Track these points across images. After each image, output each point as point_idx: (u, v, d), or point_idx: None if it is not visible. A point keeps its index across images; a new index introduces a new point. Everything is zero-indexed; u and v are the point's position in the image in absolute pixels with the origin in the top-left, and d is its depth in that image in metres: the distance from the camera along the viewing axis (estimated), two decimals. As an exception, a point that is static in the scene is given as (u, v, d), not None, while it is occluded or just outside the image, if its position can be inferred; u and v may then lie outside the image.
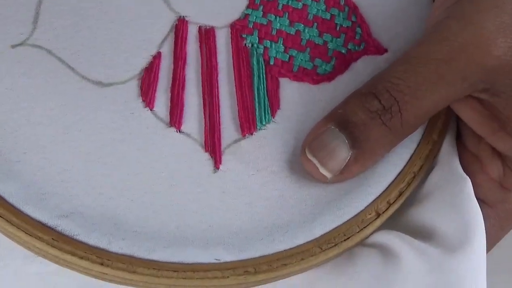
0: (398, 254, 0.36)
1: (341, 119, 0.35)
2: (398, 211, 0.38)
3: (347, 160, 0.35)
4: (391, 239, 0.36)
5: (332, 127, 0.35)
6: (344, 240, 0.36)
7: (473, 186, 0.38)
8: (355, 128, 0.35)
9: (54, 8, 0.38)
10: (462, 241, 0.36)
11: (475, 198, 0.37)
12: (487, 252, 0.37)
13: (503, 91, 0.36)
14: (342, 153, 0.35)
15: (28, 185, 0.34)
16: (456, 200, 0.37)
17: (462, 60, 0.35)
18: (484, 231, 0.37)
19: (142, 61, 0.38)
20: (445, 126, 0.39)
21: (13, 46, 0.37)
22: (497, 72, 0.35)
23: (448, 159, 0.39)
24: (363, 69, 0.40)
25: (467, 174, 0.38)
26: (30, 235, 0.33)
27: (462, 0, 0.36)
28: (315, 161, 0.36)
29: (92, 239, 0.34)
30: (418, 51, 0.36)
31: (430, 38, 0.36)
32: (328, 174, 0.36)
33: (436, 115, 0.38)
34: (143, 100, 0.37)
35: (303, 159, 0.36)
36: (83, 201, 0.34)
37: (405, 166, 0.38)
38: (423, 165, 0.38)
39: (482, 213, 0.37)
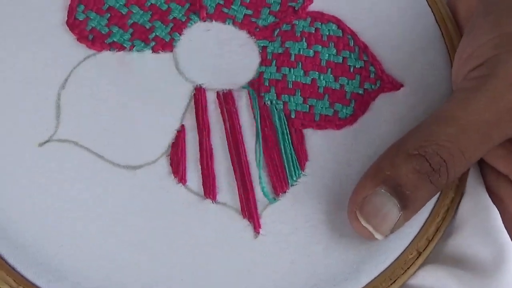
0: None
1: (392, 183, 0.35)
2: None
3: (397, 220, 0.36)
4: (436, 276, 0.37)
5: (383, 190, 0.35)
6: (391, 284, 0.36)
7: None
8: (406, 190, 0.35)
9: (73, 98, 0.38)
10: (498, 264, 0.37)
11: (503, 225, 0.38)
12: None
13: None
14: (394, 216, 0.35)
15: (75, 281, 0.35)
16: (488, 227, 0.38)
17: (508, 119, 0.35)
18: None
19: (167, 137, 0.38)
20: None
21: (41, 145, 0.37)
22: None
23: (476, 189, 0.39)
24: (382, 107, 0.40)
25: None
26: None
27: (499, 55, 0.36)
28: (370, 228, 0.36)
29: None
30: (466, 113, 0.36)
31: (476, 99, 0.36)
32: (380, 237, 0.36)
33: None
34: (175, 177, 0.38)
35: (355, 225, 0.36)
36: None
37: (437, 201, 0.38)
38: (454, 196, 0.39)
39: None
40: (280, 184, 0.38)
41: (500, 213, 0.38)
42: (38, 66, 0.39)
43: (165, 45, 0.40)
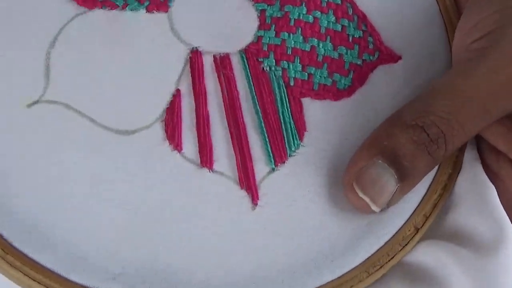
0: (443, 268, 0.36)
1: (390, 153, 0.34)
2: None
3: (394, 192, 0.35)
4: (433, 253, 0.37)
5: (380, 161, 0.34)
6: (389, 260, 0.36)
7: None
8: (404, 161, 0.34)
9: (63, 57, 0.36)
10: (496, 240, 0.37)
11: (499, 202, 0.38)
12: None
13: None
14: (391, 187, 0.34)
15: (68, 251, 0.33)
16: (486, 204, 0.37)
17: (508, 92, 0.35)
18: None
19: (162, 102, 0.36)
20: None
21: (29, 106, 0.35)
22: None
23: (473, 165, 0.38)
24: (381, 80, 0.39)
25: None
26: None
27: (503, 28, 0.35)
28: (367, 199, 0.35)
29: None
30: (466, 84, 0.35)
31: (477, 70, 0.35)
32: (377, 209, 0.35)
33: None
34: (170, 143, 0.36)
35: (351, 197, 0.35)
36: (130, 259, 0.33)
37: (435, 177, 0.38)
38: (452, 173, 0.38)
39: None
40: (279, 154, 0.37)
41: (498, 193, 0.38)
42: (26, 22, 0.36)
43: (160, 5, 0.38)
